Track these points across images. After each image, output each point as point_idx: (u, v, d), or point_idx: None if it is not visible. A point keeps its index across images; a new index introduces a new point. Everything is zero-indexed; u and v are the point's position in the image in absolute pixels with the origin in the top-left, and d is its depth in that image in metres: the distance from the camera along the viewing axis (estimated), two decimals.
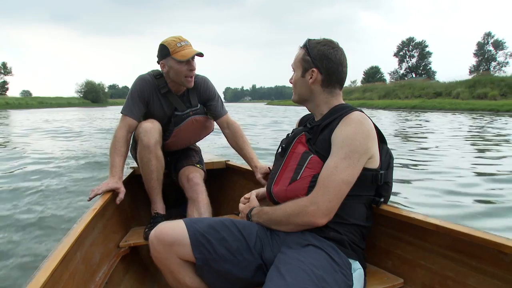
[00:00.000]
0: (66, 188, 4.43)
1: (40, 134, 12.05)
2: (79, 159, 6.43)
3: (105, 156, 5.63)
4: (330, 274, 1.09)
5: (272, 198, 1.33)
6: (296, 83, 1.36)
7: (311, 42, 1.32)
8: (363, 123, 1.21)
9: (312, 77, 1.30)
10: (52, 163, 6.10)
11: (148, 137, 1.88)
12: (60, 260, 1.06)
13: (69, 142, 9.37)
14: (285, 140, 1.39)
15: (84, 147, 8.32)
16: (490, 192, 4.21)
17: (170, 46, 1.88)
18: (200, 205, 1.95)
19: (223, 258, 1.21)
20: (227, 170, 2.57)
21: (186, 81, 1.93)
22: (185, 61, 1.86)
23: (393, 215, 1.34)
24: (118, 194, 1.76)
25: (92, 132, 12.21)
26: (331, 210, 1.17)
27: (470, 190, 4.24)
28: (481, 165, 5.85)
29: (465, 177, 4.92)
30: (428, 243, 1.27)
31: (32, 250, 2.68)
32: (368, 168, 1.23)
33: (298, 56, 1.34)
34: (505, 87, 29.89)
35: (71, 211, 3.55)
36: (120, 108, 2.07)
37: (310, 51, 1.30)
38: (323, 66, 1.29)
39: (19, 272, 2.35)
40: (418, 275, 1.30)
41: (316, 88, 1.32)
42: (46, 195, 4.13)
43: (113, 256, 1.69)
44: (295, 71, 1.36)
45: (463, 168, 5.53)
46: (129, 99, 1.99)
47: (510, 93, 28.86)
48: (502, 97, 28.28)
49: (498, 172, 5.31)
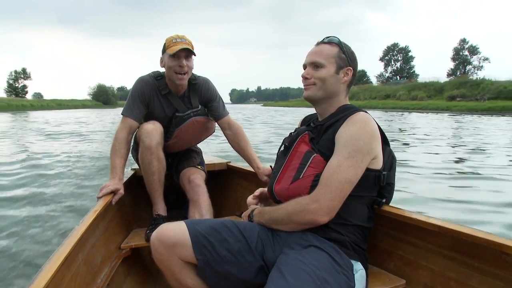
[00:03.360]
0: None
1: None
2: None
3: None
4: (332, 275, 1.09)
5: (274, 197, 1.33)
6: (326, 79, 1.29)
7: (342, 42, 1.32)
8: (367, 124, 1.21)
9: (346, 76, 1.31)
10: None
11: (150, 139, 1.88)
12: (62, 262, 1.06)
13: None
14: (288, 139, 1.39)
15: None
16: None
17: (167, 42, 1.91)
18: (201, 206, 1.95)
19: (224, 260, 1.20)
20: (228, 172, 2.57)
21: (176, 77, 1.92)
22: (174, 56, 1.87)
23: (394, 216, 1.34)
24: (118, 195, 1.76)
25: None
26: (333, 208, 1.17)
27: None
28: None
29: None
30: (430, 243, 1.26)
31: (34, 251, 2.69)
32: (371, 168, 1.23)
33: (331, 52, 1.30)
34: (432, 91, 39.40)
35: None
36: None
37: (344, 50, 1.30)
38: (355, 67, 1.32)
39: (20, 273, 2.35)
40: (420, 276, 1.29)
41: (343, 88, 1.33)
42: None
43: (115, 258, 1.69)
44: (327, 67, 1.29)
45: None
46: (129, 101, 2.00)
47: (434, 95, 38.18)
48: (428, 98, 37.51)
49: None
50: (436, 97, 37.31)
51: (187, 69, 1.92)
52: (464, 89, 34.63)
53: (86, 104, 66.07)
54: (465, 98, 32.74)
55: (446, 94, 35.95)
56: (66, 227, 3.08)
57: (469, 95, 33.22)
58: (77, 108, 57.88)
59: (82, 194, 4.25)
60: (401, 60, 71.37)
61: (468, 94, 33.47)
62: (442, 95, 36.74)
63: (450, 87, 37.24)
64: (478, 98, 31.21)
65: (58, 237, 2.87)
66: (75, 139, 10.64)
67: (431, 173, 5.47)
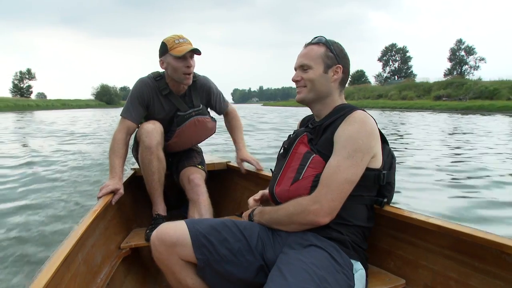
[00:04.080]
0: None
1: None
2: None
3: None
4: (332, 274, 1.08)
5: (275, 199, 1.33)
6: (315, 80, 1.29)
7: (329, 39, 1.32)
8: (366, 122, 1.21)
9: (336, 74, 1.30)
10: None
11: (150, 138, 1.89)
12: (62, 262, 1.06)
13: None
14: (287, 141, 1.39)
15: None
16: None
17: (169, 43, 1.90)
18: (201, 206, 1.95)
19: (224, 259, 1.20)
20: (228, 171, 2.57)
21: (184, 77, 1.93)
22: (181, 57, 1.87)
23: (394, 216, 1.34)
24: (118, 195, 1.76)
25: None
26: (334, 209, 1.17)
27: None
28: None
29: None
30: (430, 243, 1.26)
31: (33, 250, 2.68)
32: (371, 168, 1.22)
33: (317, 52, 1.30)
34: (421, 91, 41.85)
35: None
36: None
37: (332, 48, 1.30)
38: (345, 64, 1.31)
39: (20, 273, 2.35)
40: (420, 275, 1.29)
41: (334, 86, 1.32)
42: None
43: (115, 258, 1.69)
44: (314, 68, 1.29)
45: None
46: (128, 102, 2.01)
47: (423, 95, 40.46)
48: (418, 98, 40.08)
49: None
50: (425, 96, 39.54)
51: (192, 69, 1.94)
52: (450, 89, 37.29)
53: (90, 104, 67.79)
54: (450, 98, 35.15)
55: (433, 94, 38.46)
56: (66, 227, 3.08)
57: (454, 95, 35.57)
58: (81, 107, 59.57)
59: (82, 194, 4.24)
60: (399, 61, 72.78)
61: (454, 94, 35.89)
62: (430, 95, 39.11)
63: (437, 87, 39.91)
64: (461, 98, 33.53)
65: (58, 237, 2.86)
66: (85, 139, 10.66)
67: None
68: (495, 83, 34.15)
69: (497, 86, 32.69)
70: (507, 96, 29.63)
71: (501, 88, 31.58)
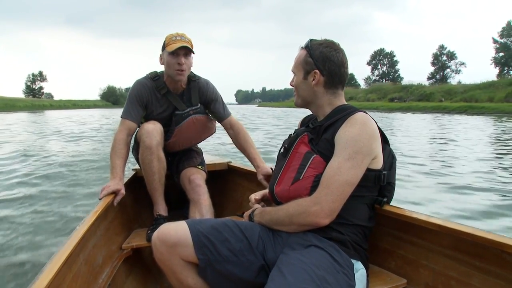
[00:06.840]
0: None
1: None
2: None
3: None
4: (332, 274, 1.09)
5: (275, 198, 1.33)
6: (298, 86, 1.35)
7: (313, 44, 1.31)
8: (367, 124, 1.21)
9: (315, 78, 1.30)
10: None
11: (150, 139, 1.89)
12: (63, 262, 1.06)
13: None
14: (288, 140, 1.39)
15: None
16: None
17: (167, 39, 1.93)
18: (202, 206, 1.95)
19: (225, 259, 1.21)
20: (229, 171, 2.57)
21: (175, 73, 1.94)
22: (173, 53, 1.89)
23: (395, 216, 1.34)
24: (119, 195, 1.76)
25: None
26: (334, 210, 1.17)
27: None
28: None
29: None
30: (431, 243, 1.27)
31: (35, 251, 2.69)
32: (371, 168, 1.22)
33: (299, 58, 1.33)
34: (382, 93, 47.32)
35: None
36: None
37: (312, 52, 1.30)
38: (325, 68, 1.29)
39: (22, 274, 2.35)
40: (421, 275, 1.29)
41: (319, 90, 1.32)
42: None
43: (116, 258, 1.69)
44: (296, 74, 1.35)
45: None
46: (127, 103, 2.02)
47: (383, 97, 45.49)
48: (378, 100, 45.08)
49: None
50: (384, 99, 45.40)
51: (186, 67, 1.94)
52: (402, 93, 44.76)
53: (97, 104, 72.84)
54: (400, 100, 42.14)
55: (389, 96, 45.34)
56: (67, 228, 3.08)
57: (405, 97, 42.80)
58: (90, 107, 64.43)
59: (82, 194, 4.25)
60: (387, 64, 76.43)
61: (405, 96, 43.11)
62: (386, 97, 46.00)
63: (392, 91, 47.32)
64: (405, 100, 40.99)
65: (60, 237, 2.87)
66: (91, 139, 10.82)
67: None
68: (434, 88, 43.14)
69: (433, 90, 41.65)
70: (439, 98, 37.71)
71: (436, 92, 40.37)
